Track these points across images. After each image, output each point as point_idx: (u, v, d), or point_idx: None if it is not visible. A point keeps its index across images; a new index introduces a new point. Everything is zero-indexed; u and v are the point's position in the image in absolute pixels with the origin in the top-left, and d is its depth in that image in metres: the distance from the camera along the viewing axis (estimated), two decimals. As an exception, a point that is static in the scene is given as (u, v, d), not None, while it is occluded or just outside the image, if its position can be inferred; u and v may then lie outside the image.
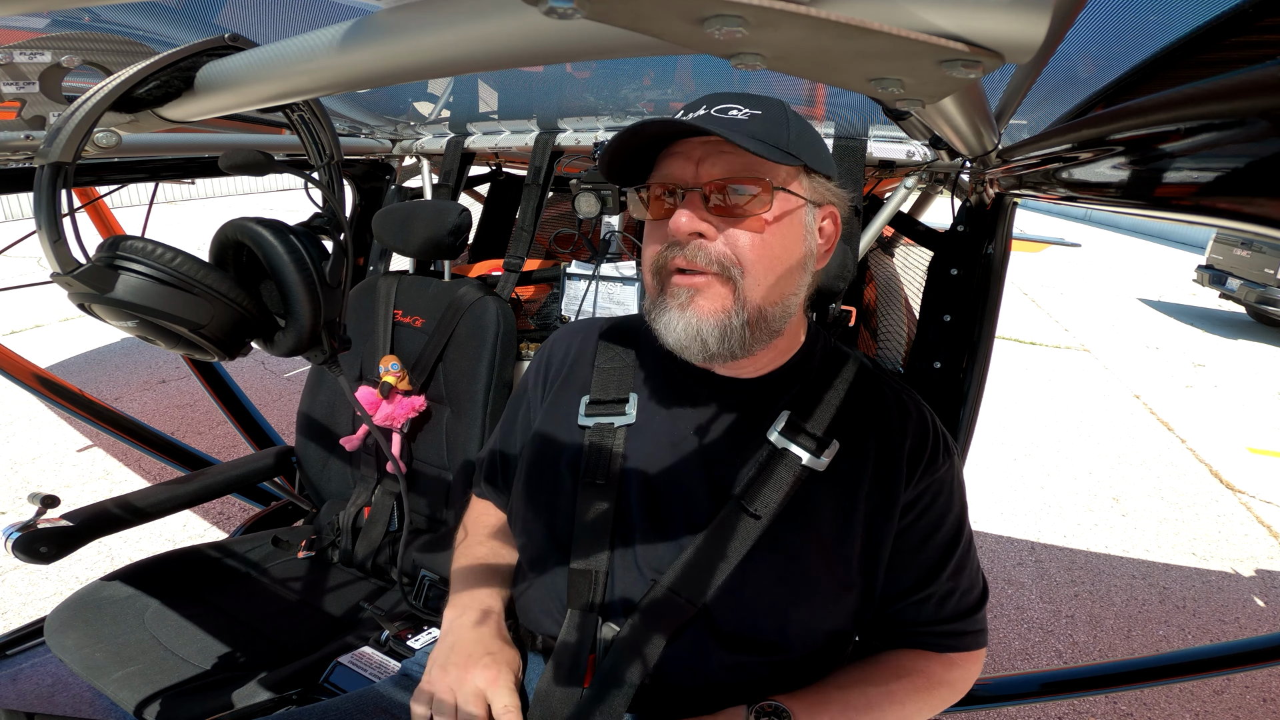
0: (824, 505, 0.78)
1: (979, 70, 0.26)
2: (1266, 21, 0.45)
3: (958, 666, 0.85)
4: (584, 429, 0.88)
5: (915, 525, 0.81)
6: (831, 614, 0.80)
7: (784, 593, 0.77)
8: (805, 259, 0.79)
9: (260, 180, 16.71)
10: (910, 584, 0.82)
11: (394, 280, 1.58)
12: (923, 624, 0.83)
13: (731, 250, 0.74)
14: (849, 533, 0.78)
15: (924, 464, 0.80)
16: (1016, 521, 3.11)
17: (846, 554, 0.78)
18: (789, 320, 0.80)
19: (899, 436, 0.80)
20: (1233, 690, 2.14)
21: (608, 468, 0.83)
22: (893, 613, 0.83)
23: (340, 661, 1.02)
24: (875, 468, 0.79)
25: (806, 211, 0.78)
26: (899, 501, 0.79)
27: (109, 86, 0.51)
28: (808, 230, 0.78)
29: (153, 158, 1.57)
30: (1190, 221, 0.41)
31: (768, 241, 0.74)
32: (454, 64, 0.38)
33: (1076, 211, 16.48)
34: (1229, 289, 6.90)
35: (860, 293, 1.65)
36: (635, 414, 0.86)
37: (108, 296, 0.52)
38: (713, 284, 0.74)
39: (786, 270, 0.76)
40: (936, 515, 0.82)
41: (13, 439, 3.43)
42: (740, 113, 0.74)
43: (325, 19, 0.89)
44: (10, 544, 1.11)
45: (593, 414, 0.88)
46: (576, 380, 0.93)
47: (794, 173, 0.76)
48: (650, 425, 0.85)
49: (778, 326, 0.79)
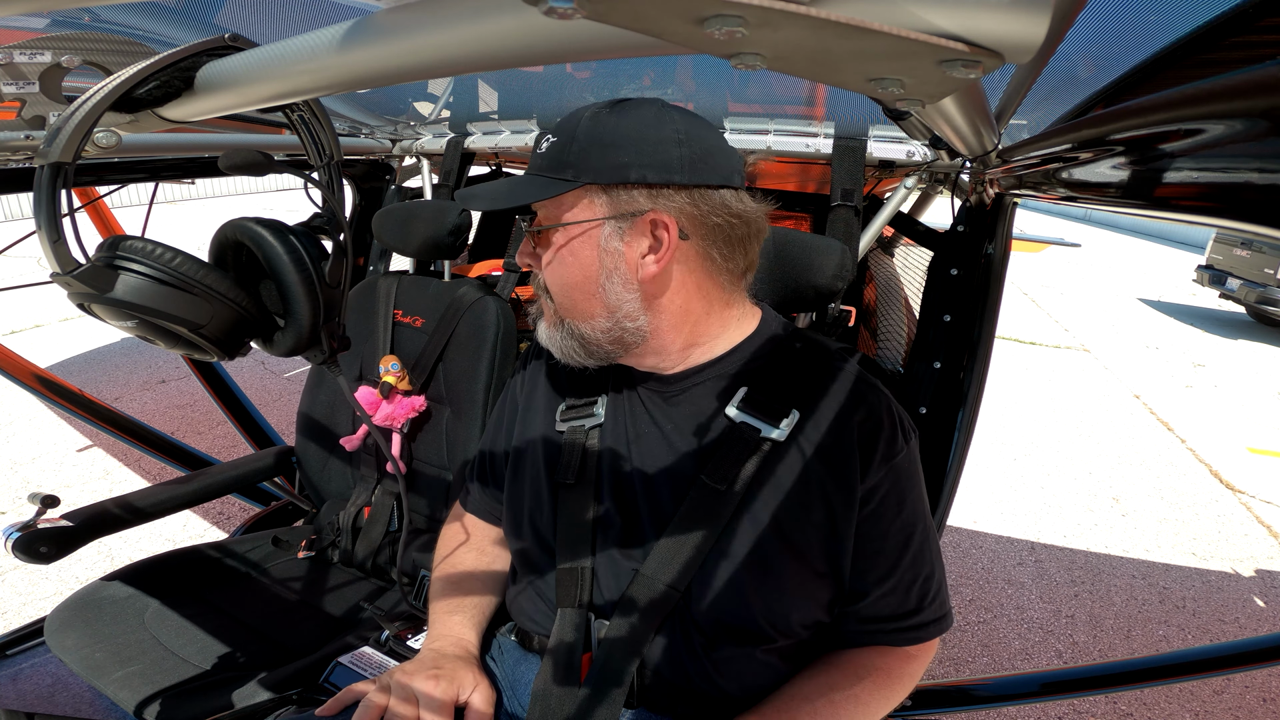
0: (785, 483, 0.78)
1: (979, 70, 0.26)
2: (1266, 21, 0.45)
3: (916, 659, 0.85)
4: (560, 432, 0.90)
5: (876, 514, 0.79)
6: (803, 601, 0.79)
7: (750, 575, 0.77)
8: (605, 278, 0.78)
9: (260, 180, 16.71)
10: (875, 577, 0.81)
11: (394, 280, 1.58)
12: (887, 619, 0.82)
13: (543, 277, 0.83)
14: (810, 514, 0.78)
15: (880, 452, 0.79)
16: (1016, 521, 3.11)
17: (809, 537, 0.78)
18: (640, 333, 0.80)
19: (850, 420, 0.79)
20: (1233, 690, 2.14)
21: (581, 467, 0.86)
22: (858, 609, 0.82)
23: (340, 661, 1.02)
24: (830, 448, 0.78)
25: (603, 228, 0.77)
26: (857, 490, 0.78)
27: (109, 86, 0.51)
28: (603, 249, 0.77)
29: (153, 158, 1.57)
30: (1190, 221, 0.41)
31: (556, 269, 0.81)
32: (454, 64, 0.38)
33: (1076, 211, 16.48)
34: (1229, 289, 6.90)
35: (860, 293, 1.65)
36: (603, 414, 0.88)
37: (107, 296, 0.52)
38: (545, 304, 0.85)
39: (583, 292, 0.80)
40: (895, 503, 0.80)
41: (13, 439, 3.43)
42: (545, 144, 0.79)
43: (325, 19, 0.89)
44: (10, 544, 1.11)
45: (567, 418, 0.91)
46: (555, 384, 0.96)
47: (578, 194, 0.77)
48: (617, 423, 0.88)
49: (617, 336, 0.81)
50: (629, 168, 0.74)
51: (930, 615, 0.83)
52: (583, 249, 0.78)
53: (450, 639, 0.88)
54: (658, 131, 0.75)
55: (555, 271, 0.81)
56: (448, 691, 0.78)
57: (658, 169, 0.74)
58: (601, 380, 0.91)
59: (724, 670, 0.79)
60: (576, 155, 0.75)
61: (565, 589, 0.83)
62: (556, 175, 0.76)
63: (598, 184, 0.76)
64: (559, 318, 0.83)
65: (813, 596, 0.80)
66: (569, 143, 0.76)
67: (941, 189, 1.40)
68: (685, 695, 0.79)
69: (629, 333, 0.81)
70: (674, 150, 0.75)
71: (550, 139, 0.78)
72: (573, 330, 0.82)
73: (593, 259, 0.78)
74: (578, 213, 0.77)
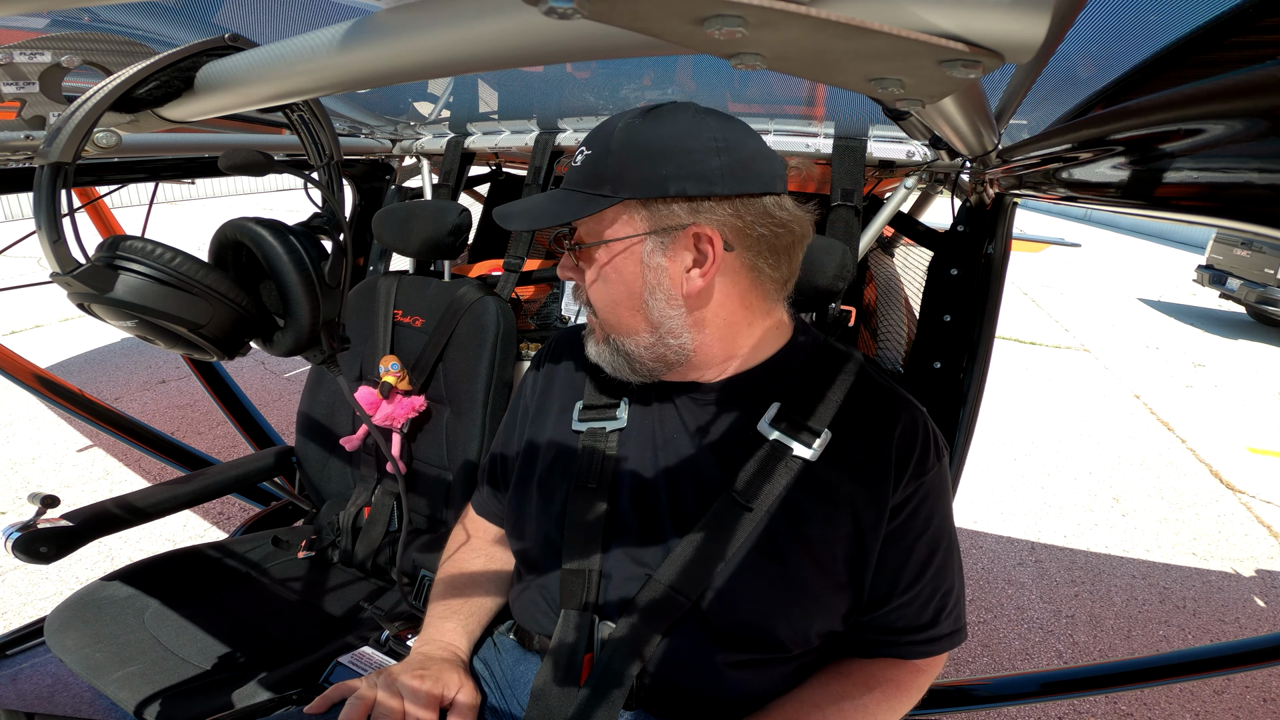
0: (813, 498, 0.78)
1: (979, 70, 0.26)
2: (1266, 21, 0.45)
3: (925, 673, 0.85)
4: (578, 434, 0.89)
5: (904, 527, 0.79)
6: (822, 613, 0.79)
7: (772, 588, 0.77)
8: (649, 294, 0.77)
9: (260, 180, 16.71)
10: (896, 588, 0.80)
11: (394, 280, 1.58)
12: (901, 631, 0.82)
13: (586, 294, 0.82)
14: (837, 529, 0.78)
15: (913, 466, 0.79)
16: (1017, 521, 3.11)
17: (834, 552, 0.78)
18: (685, 350, 0.80)
19: (888, 435, 0.79)
20: (1233, 690, 2.14)
21: (600, 470, 0.85)
22: (874, 619, 0.82)
23: (340, 661, 1.02)
24: (864, 464, 0.79)
25: (645, 244, 0.75)
26: (888, 503, 0.78)
27: (109, 87, 0.51)
28: (645, 265, 0.76)
29: (153, 158, 1.56)
30: (1190, 221, 0.41)
31: (600, 286, 0.80)
32: (454, 64, 0.37)
33: (1076, 211, 16.48)
34: (1229, 289, 6.90)
35: (860, 293, 1.65)
36: (625, 418, 0.87)
37: (107, 296, 0.52)
38: (591, 319, 0.85)
39: (625, 309, 0.79)
40: (924, 518, 0.80)
41: (13, 439, 3.43)
42: (580, 157, 0.77)
43: (325, 19, 0.89)
44: (10, 544, 1.11)
45: (586, 419, 0.90)
46: (571, 385, 0.95)
47: (618, 209, 0.75)
48: (640, 428, 0.87)
49: (659, 353, 0.80)
50: (667, 181, 0.72)
51: (945, 629, 0.83)
52: (625, 265, 0.77)
53: (439, 644, 0.88)
54: (695, 140, 0.72)
55: (599, 289, 0.80)
56: (433, 689, 0.79)
57: (697, 180, 0.72)
58: (621, 384, 0.90)
59: (731, 676, 0.78)
60: (613, 169, 0.73)
61: (570, 590, 0.82)
62: (594, 191, 0.74)
63: (636, 199, 0.73)
64: (605, 334, 0.83)
65: (832, 608, 0.80)
66: (604, 156, 0.74)
67: (941, 189, 1.40)
68: (686, 699, 0.79)
69: (672, 350, 0.80)
70: (713, 160, 0.72)
71: (585, 152, 0.76)
72: (619, 346, 0.82)
73: (636, 275, 0.77)
74: (618, 229, 0.75)
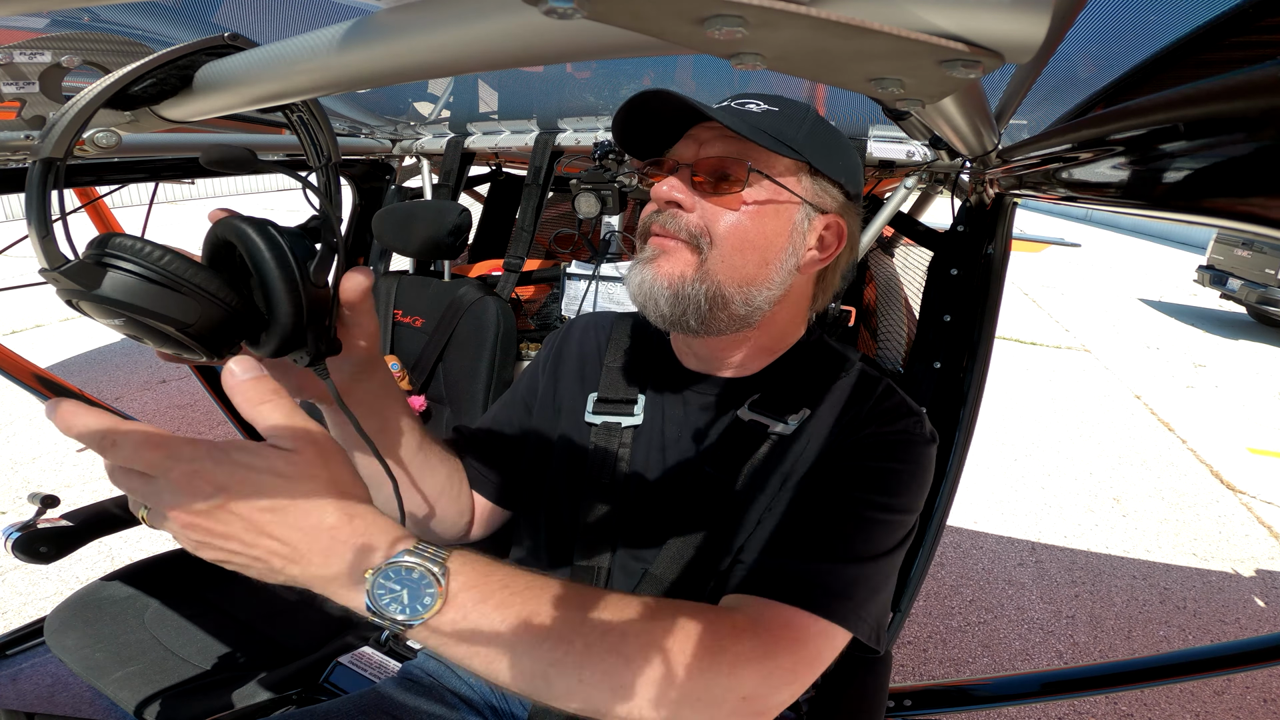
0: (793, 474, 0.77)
1: (979, 70, 0.26)
2: (1266, 21, 0.45)
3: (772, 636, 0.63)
4: (590, 426, 0.88)
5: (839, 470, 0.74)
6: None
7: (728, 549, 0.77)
8: (784, 254, 0.77)
9: (261, 180, 16.71)
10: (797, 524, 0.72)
11: (394, 280, 1.58)
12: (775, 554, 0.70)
13: (704, 222, 0.75)
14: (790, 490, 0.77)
15: (876, 421, 0.77)
16: (1017, 521, 3.11)
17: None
18: (760, 313, 0.78)
19: (862, 406, 0.79)
20: (1233, 690, 2.14)
21: (613, 468, 0.84)
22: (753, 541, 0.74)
23: (340, 661, 1.02)
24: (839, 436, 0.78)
25: (800, 210, 0.77)
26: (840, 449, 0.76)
27: (103, 84, 0.51)
28: (795, 228, 0.77)
29: (153, 158, 1.56)
30: (1190, 221, 0.41)
31: (740, 221, 0.75)
32: (454, 64, 0.37)
33: (1076, 211, 16.48)
34: (1230, 289, 6.90)
35: (860, 293, 1.65)
36: (642, 415, 0.87)
37: (94, 293, 0.51)
38: (680, 249, 0.76)
39: (758, 256, 0.76)
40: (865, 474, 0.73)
41: (13, 439, 3.43)
42: (756, 107, 0.78)
43: (325, 19, 0.89)
44: (10, 544, 1.11)
45: (600, 412, 0.88)
46: (586, 376, 0.94)
47: (792, 167, 0.76)
48: (654, 426, 0.86)
49: (741, 312, 0.77)
50: (840, 170, 0.79)
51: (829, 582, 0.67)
52: (777, 217, 0.77)
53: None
54: (856, 157, 0.83)
55: (733, 223, 0.75)
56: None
57: (854, 184, 0.81)
58: (641, 378, 0.89)
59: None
60: (805, 135, 0.77)
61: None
62: (777, 138, 0.75)
63: (814, 167, 0.77)
64: (698, 266, 0.75)
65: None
66: (799, 121, 0.77)
67: (941, 189, 1.40)
68: None
69: (753, 312, 0.78)
70: (859, 176, 0.83)
71: (766, 106, 0.78)
72: (717, 286, 0.75)
73: (783, 231, 0.77)
74: (788, 182, 0.77)
